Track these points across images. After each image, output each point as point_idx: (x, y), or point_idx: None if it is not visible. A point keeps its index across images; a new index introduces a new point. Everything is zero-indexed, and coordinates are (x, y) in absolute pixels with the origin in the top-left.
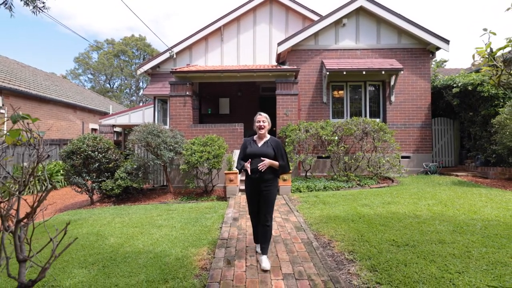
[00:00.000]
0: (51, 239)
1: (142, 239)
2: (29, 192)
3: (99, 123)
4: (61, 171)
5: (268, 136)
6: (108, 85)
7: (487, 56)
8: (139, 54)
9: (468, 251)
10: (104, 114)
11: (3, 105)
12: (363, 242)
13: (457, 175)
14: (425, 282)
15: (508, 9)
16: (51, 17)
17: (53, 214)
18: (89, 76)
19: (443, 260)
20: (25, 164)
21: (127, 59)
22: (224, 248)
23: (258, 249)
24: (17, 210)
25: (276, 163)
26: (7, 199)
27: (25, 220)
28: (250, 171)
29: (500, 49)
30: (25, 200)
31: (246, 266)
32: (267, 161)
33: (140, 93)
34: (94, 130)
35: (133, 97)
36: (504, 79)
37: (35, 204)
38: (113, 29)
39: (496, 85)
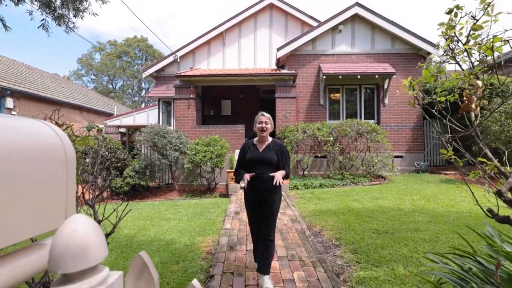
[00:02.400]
0: (114, 209)
1: (153, 230)
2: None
3: (105, 124)
4: None
5: (270, 139)
6: (110, 86)
7: (408, 86)
8: (141, 55)
9: (437, 237)
10: (109, 115)
11: (14, 107)
12: (349, 230)
13: (445, 174)
14: (396, 261)
15: (437, 47)
16: (78, 34)
17: None
18: (92, 77)
19: (415, 244)
20: (87, 160)
21: (129, 60)
22: (227, 236)
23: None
24: (94, 190)
25: (284, 173)
26: (89, 184)
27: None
28: (251, 180)
29: (417, 81)
30: (105, 182)
31: (246, 250)
32: (278, 174)
33: (142, 94)
34: (99, 131)
35: (135, 98)
36: (420, 103)
37: (105, 186)
38: (116, 29)
39: (414, 106)
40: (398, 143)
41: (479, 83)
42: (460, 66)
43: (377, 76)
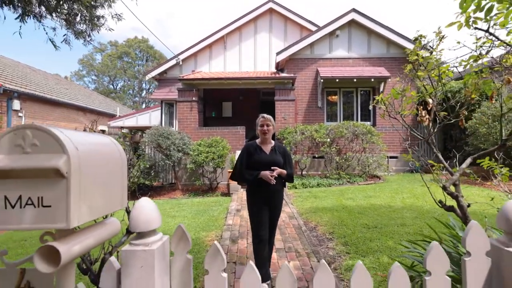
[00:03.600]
0: None
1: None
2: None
3: (108, 125)
4: None
5: (273, 142)
6: (111, 86)
7: (380, 102)
8: (142, 56)
9: (421, 230)
10: (111, 116)
11: (21, 108)
12: (342, 226)
13: (438, 173)
14: (382, 251)
15: (405, 67)
16: (95, 46)
17: None
18: (93, 77)
19: (400, 237)
20: None
21: (130, 60)
22: (230, 231)
23: None
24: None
25: (285, 172)
26: None
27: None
28: (257, 183)
29: (388, 97)
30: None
31: (247, 243)
32: (278, 170)
33: (143, 94)
34: (102, 131)
35: (136, 98)
36: (390, 115)
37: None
38: (117, 30)
39: (384, 118)
40: (393, 144)
41: (430, 101)
42: (423, 85)
43: (372, 80)
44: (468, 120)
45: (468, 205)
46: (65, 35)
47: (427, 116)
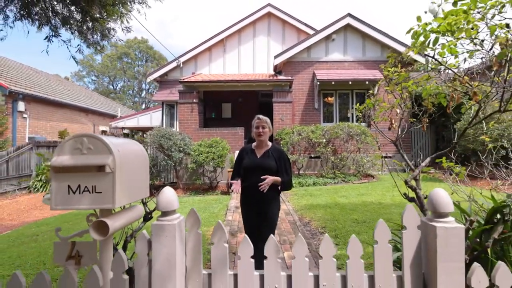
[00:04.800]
0: (151, 199)
1: None
2: None
3: (110, 126)
4: None
5: (270, 144)
6: (111, 87)
7: (358, 110)
8: (141, 56)
9: None
10: (112, 117)
11: (25, 110)
12: (333, 221)
13: (430, 173)
14: (368, 243)
15: (381, 80)
16: (103, 53)
17: None
18: (93, 78)
19: None
20: None
21: (129, 61)
22: (229, 226)
23: None
24: None
25: (279, 179)
26: None
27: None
28: (245, 188)
29: (363, 106)
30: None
31: None
32: (269, 179)
33: (142, 95)
34: (104, 132)
35: (135, 98)
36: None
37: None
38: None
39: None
40: (387, 145)
41: (398, 110)
42: (394, 96)
43: (367, 82)
44: (457, 121)
45: (425, 197)
46: (78, 45)
47: (396, 124)
